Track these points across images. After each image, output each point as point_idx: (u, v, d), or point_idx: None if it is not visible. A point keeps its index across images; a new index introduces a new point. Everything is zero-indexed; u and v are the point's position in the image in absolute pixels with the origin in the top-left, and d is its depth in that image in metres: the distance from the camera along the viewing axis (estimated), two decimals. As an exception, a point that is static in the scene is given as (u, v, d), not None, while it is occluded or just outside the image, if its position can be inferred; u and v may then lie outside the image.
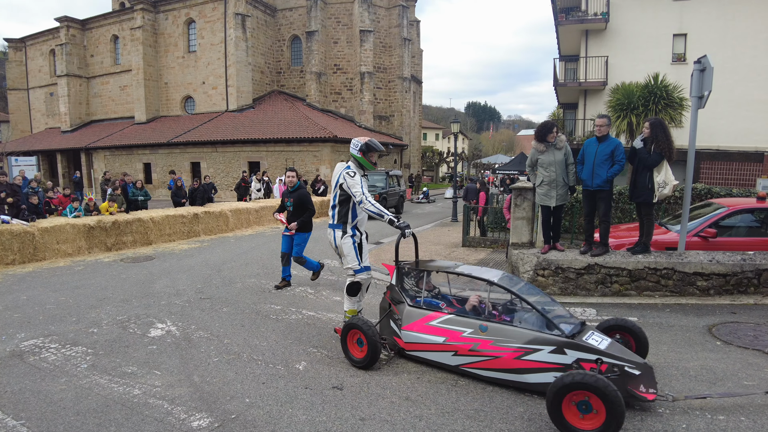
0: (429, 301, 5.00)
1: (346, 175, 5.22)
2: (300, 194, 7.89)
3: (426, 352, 4.63)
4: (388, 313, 5.01)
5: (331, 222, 5.46)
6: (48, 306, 6.94)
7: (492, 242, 12.37)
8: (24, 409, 3.93)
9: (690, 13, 20.39)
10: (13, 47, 44.32)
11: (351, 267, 5.30)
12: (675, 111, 16.27)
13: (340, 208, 5.38)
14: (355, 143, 5.45)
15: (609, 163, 6.71)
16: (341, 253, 5.35)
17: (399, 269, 5.20)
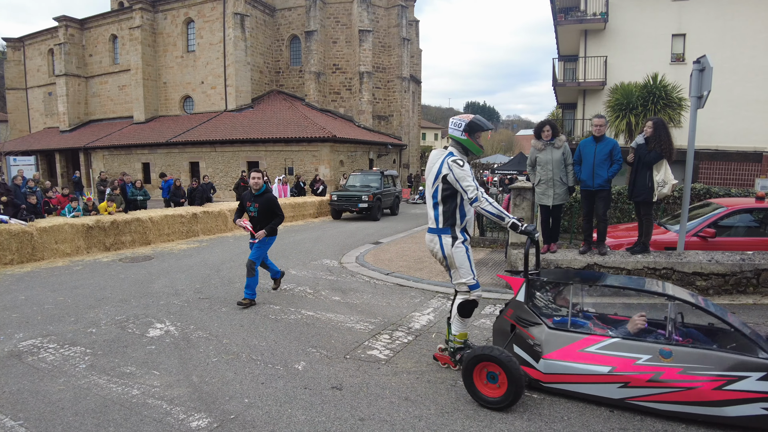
0: (576, 322, 4.17)
1: (453, 165, 4.25)
2: (267, 199, 6.98)
3: (579, 384, 3.83)
4: (513, 338, 4.16)
5: (433, 225, 4.45)
6: (46, 306, 6.93)
7: (491, 242, 12.37)
8: (22, 409, 3.92)
9: (689, 14, 20.42)
10: (11, 47, 44.25)
11: (465, 282, 4.35)
12: (674, 111, 16.30)
13: (445, 207, 4.38)
14: (456, 123, 4.47)
15: (608, 163, 6.74)
16: (452, 264, 4.38)
17: (530, 282, 4.28)
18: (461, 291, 4.42)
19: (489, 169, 46.58)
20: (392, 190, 21.91)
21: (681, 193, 9.96)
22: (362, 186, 20.33)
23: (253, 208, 6.92)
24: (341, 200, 19.27)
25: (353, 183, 20.97)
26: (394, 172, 23.64)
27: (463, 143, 4.43)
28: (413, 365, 4.74)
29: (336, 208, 19.49)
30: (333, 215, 19.77)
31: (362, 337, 5.54)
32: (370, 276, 8.97)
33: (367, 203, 18.72)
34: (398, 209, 22.55)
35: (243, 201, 7.12)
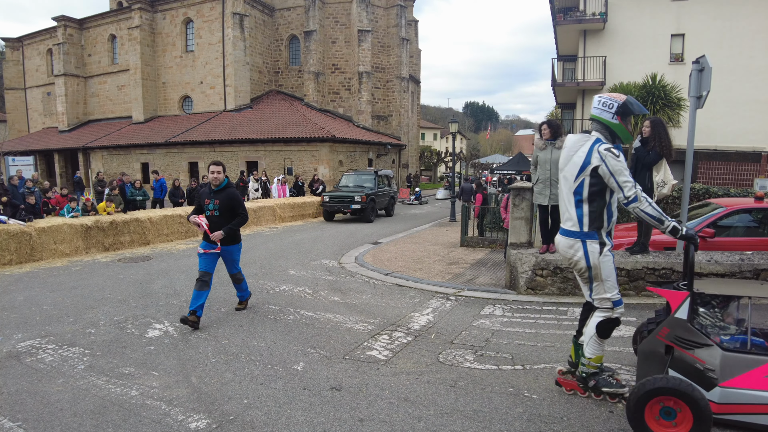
0: (757, 342, 3.54)
1: (608, 155, 3.55)
2: (229, 195, 6.15)
3: None
4: (670, 362, 3.50)
5: (575, 228, 3.77)
6: (45, 306, 6.92)
7: (490, 242, 12.37)
8: (21, 410, 3.91)
9: (688, 14, 20.44)
10: (10, 47, 44.18)
11: (609, 297, 3.73)
12: (673, 111, 16.29)
13: (592, 207, 3.69)
14: (606, 102, 3.72)
15: None
16: (596, 276, 3.73)
17: (695, 297, 3.57)
18: (603, 307, 3.77)
19: (488, 169, 46.59)
20: (387, 191, 21.17)
21: (680, 193, 9.97)
22: (355, 186, 19.65)
23: (212, 206, 6.07)
24: (333, 201, 18.66)
25: (346, 183, 20.31)
26: (389, 172, 23.00)
27: (614, 128, 3.72)
28: (413, 366, 4.74)
29: (328, 209, 18.85)
30: (325, 217, 19.14)
31: (361, 338, 5.54)
32: (369, 276, 8.97)
33: (360, 204, 18.13)
34: (393, 210, 21.98)
35: (200, 198, 6.27)
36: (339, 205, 18.50)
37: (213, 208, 6.08)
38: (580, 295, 6.94)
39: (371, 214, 18.71)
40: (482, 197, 14.17)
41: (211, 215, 6.10)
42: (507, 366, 4.67)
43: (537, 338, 5.41)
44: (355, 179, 20.32)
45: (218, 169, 6.12)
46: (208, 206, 6.12)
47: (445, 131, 69.57)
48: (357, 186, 19.69)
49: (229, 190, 6.17)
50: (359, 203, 18.11)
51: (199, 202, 6.28)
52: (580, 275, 3.85)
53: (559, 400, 3.95)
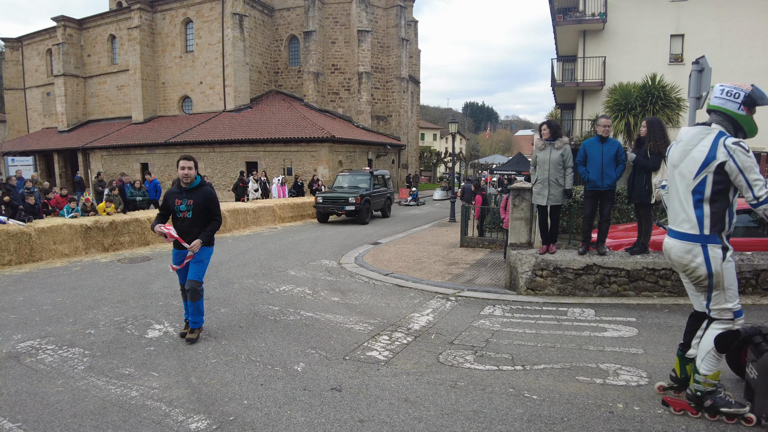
0: None
1: (738, 150, 3.21)
2: (205, 194, 5.42)
3: None
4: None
5: (694, 231, 3.39)
6: (45, 307, 6.91)
7: (490, 242, 12.37)
8: (21, 411, 3.90)
9: (687, 14, 20.46)
10: (9, 47, 44.17)
11: (731, 308, 3.38)
12: (672, 111, 16.32)
13: (714, 208, 3.34)
14: (730, 92, 3.31)
15: (615, 163, 6.80)
16: (718, 284, 3.37)
17: None
18: (723, 318, 3.39)
19: (487, 170, 46.63)
20: (383, 191, 20.62)
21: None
22: (350, 187, 19.11)
23: (185, 207, 5.33)
24: (327, 202, 18.14)
25: (341, 184, 19.78)
26: (385, 172, 22.40)
27: (740, 120, 3.33)
28: (413, 366, 4.73)
29: (321, 210, 18.33)
30: (319, 218, 18.63)
31: (361, 338, 5.54)
32: (369, 277, 8.97)
33: (354, 206, 17.57)
34: (390, 211, 21.44)
35: (168, 200, 5.48)
36: (332, 207, 17.97)
37: (185, 209, 5.33)
38: (581, 296, 6.97)
39: (366, 215, 18.15)
40: (482, 198, 14.18)
41: (183, 217, 5.35)
42: (507, 366, 4.67)
43: (537, 339, 5.40)
44: (350, 179, 19.77)
45: (189, 165, 5.38)
46: (179, 207, 5.36)
47: (445, 131, 69.59)
48: (352, 186, 19.15)
49: (204, 188, 5.45)
50: (353, 204, 17.58)
51: (166, 204, 5.48)
52: (697, 283, 3.47)
53: (560, 400, 3.95)
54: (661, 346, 5.07)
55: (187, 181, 5.39)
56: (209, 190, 5.50)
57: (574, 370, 4.55)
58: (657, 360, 4.72)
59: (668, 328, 5.62)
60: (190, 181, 5.40)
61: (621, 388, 4.14)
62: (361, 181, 19.43)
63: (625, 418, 3.66)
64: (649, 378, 4.32)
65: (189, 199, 5.36)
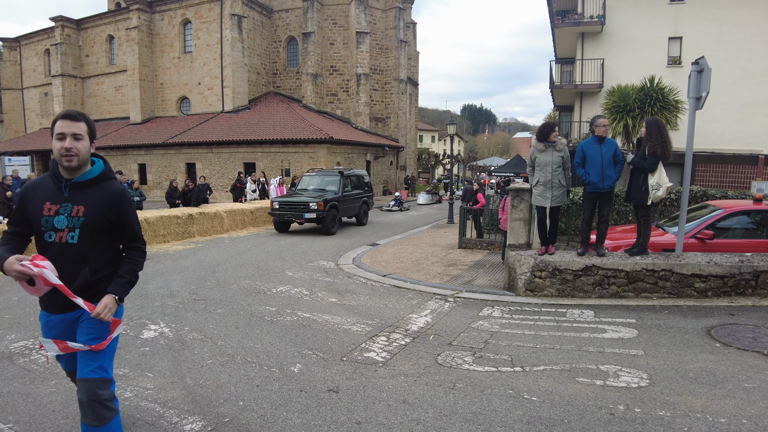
0: None
1: None
2: (109, 195, 2.79)
3: None
4: None
5: None
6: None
7: (488, 244, 12.33)
8: (12, 411, 3.84)
9: (685, 17, 20.48)
10: (7, 47, 44.08)
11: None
12: (671, 113, 16.31)
13: None
14: None
15: (614, 163, 6.79)
16: None
17: None
18: None
19: (486, 171, 46.66)
20: (357, 195, 17.70)
21: (679, 195, 9.96)
22: (315, 190, 16.44)
23: (65, 220, 2.68)
24: (284, 208, 15.24)
25: (305, 186, 17.18)
26: (361, 173, 19.57)
27: None
28: (411, 368, 4.68)
29: (278, 218, 15.44)
30: (276, 227, 15.82)
31: (359, 339, 5.48)
32: (367, 278, 8.92)
33: (317, 212, 14.74)
34: (366, 218, 18.63)
35: (27, 203, 2.75)
36: (290, 214, 15.06)
37: (66, 226, 2.69)
38: (580, 297, 6.93)
39: (332, 224, 15.29)
40: (483, 197, 14.15)
41: (60, 243, 2.69)
42: (506, 368, 4.62)
43: (536, 340, 5.36)
44: (317, 181, 17.20)
45: (74, 129, 2.71)
46: (51, 220, 2.69)
47: (443, 133, 69.55)
48: (317, 189, 16.52)
49: (108, 185, 2.85)
50: (315, 211, 14.74)
51: (23, 212, 2.76)
52: None
53: (560, 402, 3.91)
54: (661, 348, 5.03)
55: (72, 163, 2.69)
56: (118, 189, 2.87)
57: (573, 371, 4.50)
58: (657, 361, 4.68)
59: (668, 330, 5.58)
60: (77, 165, 2.72)
61: (621, 390, 4.10)
62: (329, 183, 16.80)
63: (626, 420, 3.62)
64: (650, 380, 4.27)
65: (75, 205, 2.70)
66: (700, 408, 3.78)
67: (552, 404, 3.88)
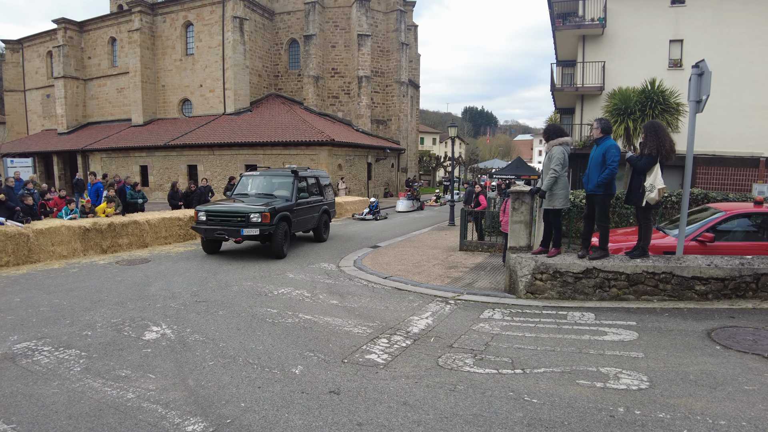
0: None
1: None
2: None
3: None
4: None
5: None
6: (42, 308, 6.87)
7: (489, 246, 12.34)
8: (15, 412, 3.86)
9: (686, 20, 20.51)
10: (9, 48, 44.19)
11: None
12: (672, 116, 16.31)
13: None
14: None
15: (601, 167, 6.74)
16: None
17: None
18: None
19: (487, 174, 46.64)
20: (316, 203, 13.73)
21: (679, 197, 9.97)
22: (259, 196, 12.29)
23: None
24: (213, 222, 10.96)
25: (245, 190, 12.95)
26: (322, 173, 15.39)
27: None
28: (412, 369, 4.70)
29: (205, 235, 11.17)
30: (204, 247, 11.68)
31: (360, 341, 5.50)
32: (368, 280, 8.93)
33: (260, 227, 10.66)
34: (328, 232, 14.71)
35: None
36: (221, 229, 10.83)
37: None
38: (580, 300, 6.94)
39: (283, 242, 11.18)
40: (485, 199, 14.16)
41: None
42: (507, 370, 4.63)
43: (537, 342, 5.37)
44: (261, 184, 13.00)
45: None
46: None
47: (444, 135, 69.66)
48: (262, 195, 12.39)
49: None
50: (258, 225, 10.67)
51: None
52: None
53: (560, 404, 3.92)
54: (661, 350, 5.04)
55: None
56: None
57: (574, 373, 4.52)
58: (658, 364, 4.69)
59: (668, 332, 5.59)
60: None
61: (622, 392, 4.11)
62: (278, 187, 12.72)
63: (626, 422, 3.63)
64: (650, 382, 4.29)
65: None
66: (700, 410, 3.79)
67: (552, 406, 3.89)
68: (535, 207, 8.06)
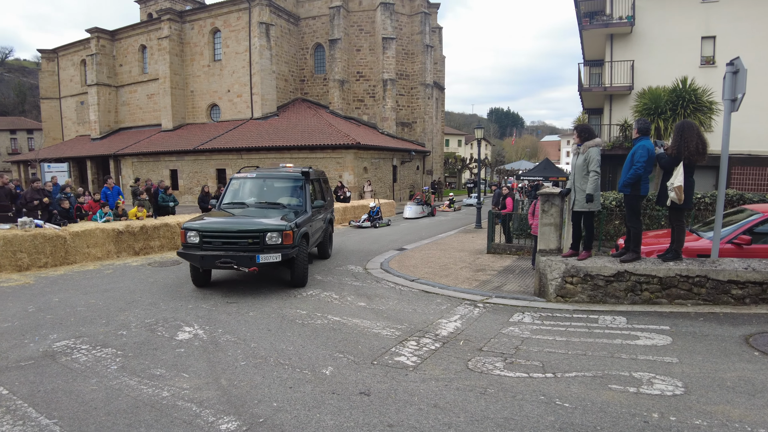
0: None
1: None
2: None
3: None
4: None
5: None
6: (79, 308, 7.08)
7: (518, 249, 12.22)
8: (57, 408, 4.00)
9: (718, 15, 19.95)
10: (45, 58, 45.85)
11: None
12: (704, 115, 15.91)
13: None
14: None
15: (630, 167, 6.66)
16: None
17: None
18: None
19: (514, 176, 46.20)
20: (323, 210, 10.83)
21: (714, 199, 9.73)
22: (260, 207, 9.28)
23: None
24: (212, 244, 7.86)
25: (239, 197, 9.76)
26: (321, 171, 12.68)
27: None
28: (441, 372, 4.70)
29: (202, 264, 7.90)
30: (194, 278, 8.47)
31: (389, 343, 5.52)
32: (395, 282, 8.95)
33: (282, 252, 7.78)
34: (332, 246, 12.26)
35: None
36: (226, 255, 7.69)
37: None
38: (611, 303, 6.83)
39: (304, 268, 8.49)
40: (512, 202, 14.03)
41: None
42: (538, 374, 4.59)
43: (568, 346, 5.31)
44: (260, 189, 9.90)
45: None
46: None
47: (470, 137, 69.30)
48: (264, 205, 9.36)
49: None
50: (280, 249, 7.80)
51: None
52: None
53: (592, 409, 3.87)
54: (696, 355, 4.93)
55: None
56: None
57: (606, 378, 4.45)
58: (693, 369, 4.58)
59: (704, 337, 5.46)
60: None
61: (656, 398, 4.03)
62: (283, 193, 9.77)
63: (661, 428, 3.56)
64: (685, 388, 4.20)
65: None
66: (738, 418, 3.69)
67: (584, 411, 3.85)
68: (565, 209, 7.95)
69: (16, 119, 70.07)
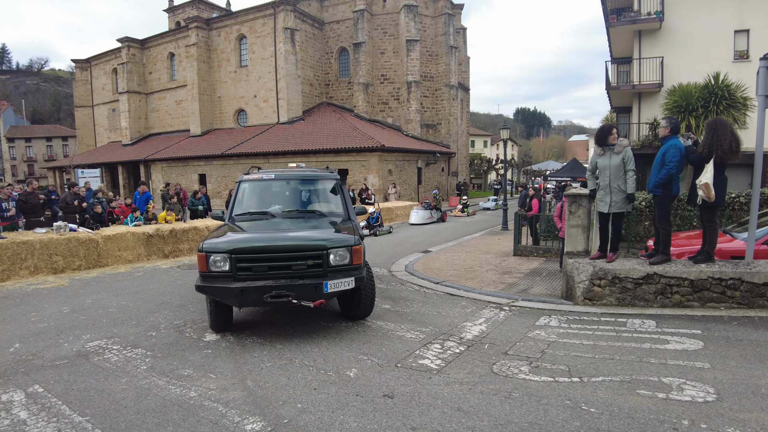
0: None
1: None
2: None
3: None
4: None
5: None
6: (110, 309, 7.28)
7: (545, 251, 12.06)
8: (89, 406, 4.12)
9: (752, 7, 19.31)
10: (79, 67, 47.36)
11: None
12: (738, 111, 15.42)
13: None
14: None
15: (661, 167, 6.49)
16: None
17: None
18: None
19: (542, 176, 45.66)
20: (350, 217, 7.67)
21: (748, 198, 9.43)
22: (290, 216, 6.90)
23: None
24: (250, 271, 5.61)
25: (259, 204, 7.25)
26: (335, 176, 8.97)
27: None
28: (465, 376, 4.67)
29: (241, 301, 5.55)
30: (215, 321, 6.02)
31: (413, 346, 5.51)
32: (419, 285, 8.93)
33: (352, 273, 5.83)
34: None
35: None
36: (277, 286, 5.46)
37: None
38: (641, 307, 6.68)
39: (372, 294, 6.49)
40: (538, 203, 13.85)
41: None
42: (564, 378, 4.52)
43: (595, 350, 5.21)
44: (283, 194, 7.54)
45: None
46: None
47: (495, 138, 68.77)
48: (294, 214, 7.00)
49: None
50: (350, 271, 5.87)
51: None
52: None
53: (619, 414, 3.79)
54: (730, 361, 4.78)
55: None
56: None
57: (634, 383, 4.35)
58: (726, 375, 4.45)
59: (738, 342, 5.29)
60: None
61: (686, 404, 3.93)
62: (317, 197, 7.58)
63: None
64: (717, 394, 4.07)
65: None
66: None
67: (611, 416, 3.77)
68: (592, 210, 7.82)
69: (51, 127, 72.57)
